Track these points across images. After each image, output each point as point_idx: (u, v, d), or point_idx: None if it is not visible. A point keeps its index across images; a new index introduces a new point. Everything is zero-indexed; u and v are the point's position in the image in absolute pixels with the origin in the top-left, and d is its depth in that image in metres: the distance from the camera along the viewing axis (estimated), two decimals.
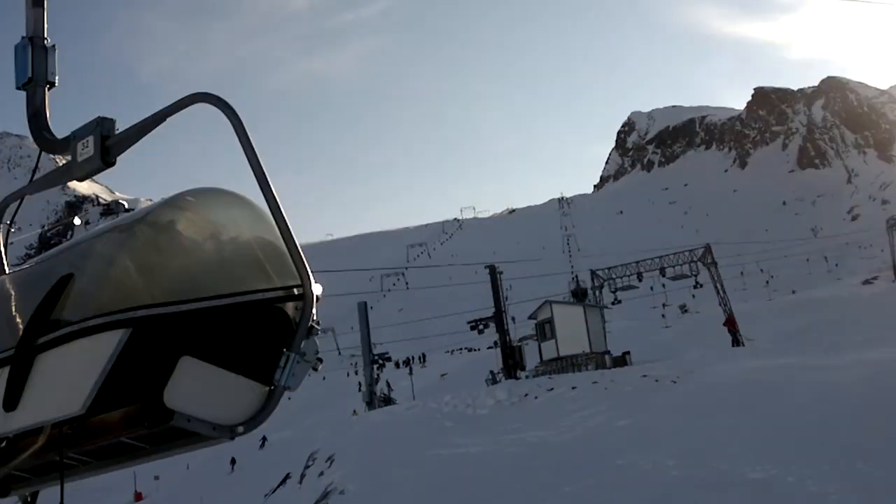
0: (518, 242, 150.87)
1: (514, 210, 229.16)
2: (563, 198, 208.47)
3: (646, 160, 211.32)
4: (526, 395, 19.62)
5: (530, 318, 30.30)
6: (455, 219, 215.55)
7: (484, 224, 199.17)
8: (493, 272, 27.98)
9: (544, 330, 28.54)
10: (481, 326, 30.43)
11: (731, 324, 30.05)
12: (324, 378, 65.75)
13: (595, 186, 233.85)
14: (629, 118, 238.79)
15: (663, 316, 51.27)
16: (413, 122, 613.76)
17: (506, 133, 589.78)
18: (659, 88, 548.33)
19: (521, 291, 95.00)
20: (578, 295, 43.59)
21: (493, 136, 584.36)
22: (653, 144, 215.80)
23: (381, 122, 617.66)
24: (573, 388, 19.03)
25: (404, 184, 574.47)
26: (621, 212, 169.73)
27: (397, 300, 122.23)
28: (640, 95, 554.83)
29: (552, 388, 19.65)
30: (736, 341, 29.55)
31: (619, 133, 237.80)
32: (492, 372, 29.37)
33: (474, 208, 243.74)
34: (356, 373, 73.02)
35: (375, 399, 29.80)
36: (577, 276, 57.38)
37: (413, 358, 72.51)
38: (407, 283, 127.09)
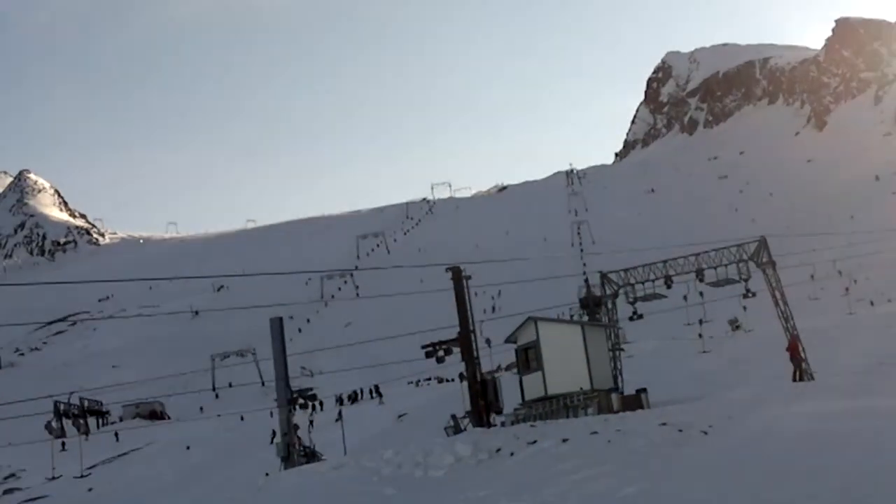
0: (508, 232, 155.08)
1: (505, 187, 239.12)
2: (572, 170, 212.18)
3: (686, 119, 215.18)
4: (498, 450, 19.41)
5: (508, 340, 30.10)
6: (424, 199, 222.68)
7: (463, 206, 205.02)
8: (458, 276, 27.28)
9: (527, 358, 28.35)
10: (441, 352, 29.89)
11: (793, 350, 30.25)
12: (241, 418, 65.37)
13: (617, 155, 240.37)
14: (664, 62, 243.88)
15: (700, 336, 51.83)
16: (367, 64, 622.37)
17: (496, 80, 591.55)
18: (705, 21, 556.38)
19: (513, 301, 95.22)
20: (590, 306, 43.26)
21: (478, 83, 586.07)
22: (696, 97, 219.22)
23: (321, 64, 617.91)
24: (564, 440, 18.89)
25: (354, 152, 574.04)
26: (652, 190, 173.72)
27: (343, 312, 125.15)
28: (680, 31, 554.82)
29: (535, 441, 19.47)
30: (800, 374, 29.73)
31: (650, 82, 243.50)
32: (454, 417, 29.03)
33: (450, 185, 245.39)
34: (305, 405, 73.83)
35: (294, 453, 29.38)
36: (588, 280, 56.46)
37: (360, 392, 73.99)
38: (357, 289, 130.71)
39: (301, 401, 33.35)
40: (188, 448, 52.94)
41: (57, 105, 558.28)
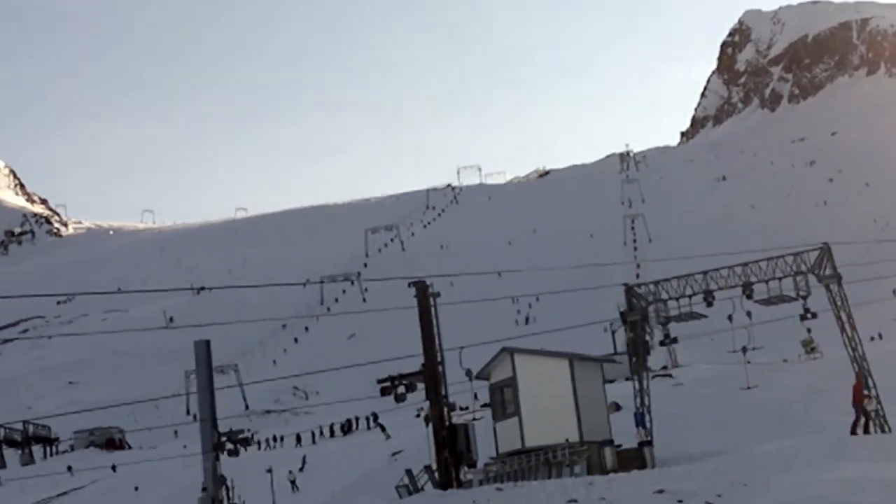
0: (547, 227, 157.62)
1: (547, 172, 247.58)
2: (628, 153, 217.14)
3: (768, 92, 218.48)
4: None
5: (479, 376, 29.53)
6: (448, 186, 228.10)
7: (495, 195, 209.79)
8: (423, 292, 25.69)
9: (503, 400, 27.95)
10: (402, 388, 29.45)
11: (857, 392, 28.42)
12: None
13: (683, 135, 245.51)
14: (741, 22, 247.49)
15: (748, 362, 51.80)
16: (378, 21, 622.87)
17: (537, 44, 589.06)
18: None
19: (550, 311, 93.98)
20: (637, 327, 42.42)
21: (515, 47, 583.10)
22: (780, 66, 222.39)
23: (323, 19, 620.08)
24: None
25: (363, 127, 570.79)
26: (724, 178, 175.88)
27: (347, 321, 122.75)
28: None
29: None
30: (865, 424, 27.74)
31: (723, 47, 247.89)
32: (409, 473, 28.33)
33: (480, 169, 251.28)
34: (280, 439, 74.49)
35: None
36: (635, 289, 55.63)
37: (356, 421, 74.71)
38: (365, 293, 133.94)
39: (230, 446, 32.67)
40: (136, 489, 53.09)
41: (12, 71, 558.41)
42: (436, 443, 26.57)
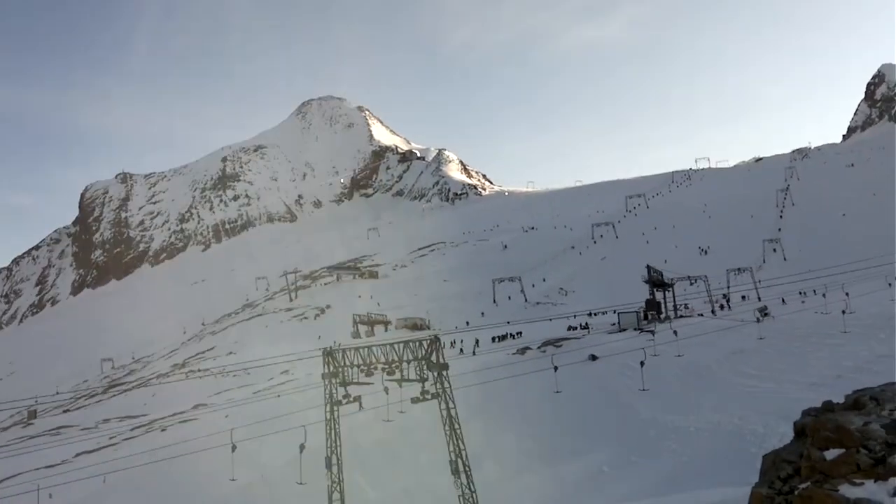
0: (737, 197, 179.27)
1: (760, 159, 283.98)
2: (803, 147, 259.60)
3: (894, 111, 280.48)
4: None
5: None
6: (691, 169, 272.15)
7: (721, 175, 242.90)
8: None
9: None
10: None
11: None
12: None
13: (843, 137, 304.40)
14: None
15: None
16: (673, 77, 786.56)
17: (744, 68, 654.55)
18: None
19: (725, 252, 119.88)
20: (661, 286, 67.71)
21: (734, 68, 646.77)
22: None
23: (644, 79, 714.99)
24: None
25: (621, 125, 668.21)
26: (852, 164, 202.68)
27: (603, 249, 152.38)
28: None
29: None
30: None
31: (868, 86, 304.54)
32: None
33: (709, 159, 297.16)
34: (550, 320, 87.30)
35: None
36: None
37: (592, 315, 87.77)
38: (616, 233, 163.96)
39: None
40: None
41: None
42: None
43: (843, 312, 44.22)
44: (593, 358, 49.81)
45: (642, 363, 37.20)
